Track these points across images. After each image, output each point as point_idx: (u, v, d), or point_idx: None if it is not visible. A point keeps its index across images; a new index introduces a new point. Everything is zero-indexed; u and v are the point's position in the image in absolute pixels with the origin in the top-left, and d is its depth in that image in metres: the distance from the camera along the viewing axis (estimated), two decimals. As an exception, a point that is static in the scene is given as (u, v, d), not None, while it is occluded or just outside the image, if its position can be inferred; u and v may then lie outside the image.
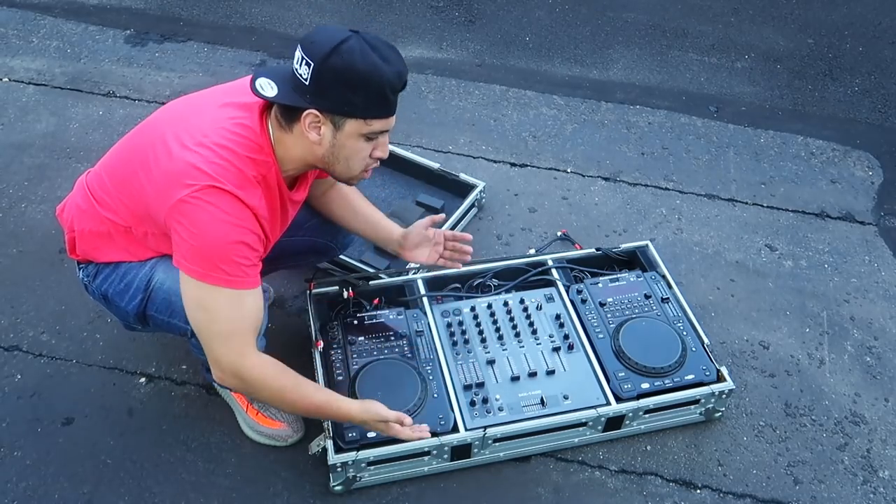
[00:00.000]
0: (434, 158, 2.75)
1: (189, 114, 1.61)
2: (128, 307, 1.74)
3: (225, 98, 1.62)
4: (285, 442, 1.94)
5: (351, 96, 1.49)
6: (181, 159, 1.50)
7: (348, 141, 1.55)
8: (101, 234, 1.71)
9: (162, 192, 1.52)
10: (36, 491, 1.85)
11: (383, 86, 1.49)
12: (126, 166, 1.64)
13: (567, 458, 1.97)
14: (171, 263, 1.64)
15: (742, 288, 2.45)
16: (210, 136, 1.52)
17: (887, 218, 2.75)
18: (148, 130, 1.64)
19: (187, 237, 1.50)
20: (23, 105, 3.02)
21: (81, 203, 1.74)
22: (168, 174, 1.51)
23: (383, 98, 1.51)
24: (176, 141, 1.53)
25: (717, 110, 3.23)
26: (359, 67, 1.46)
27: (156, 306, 1.72)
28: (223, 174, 1.49)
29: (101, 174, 1.72)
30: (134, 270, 1.72)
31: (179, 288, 1.60)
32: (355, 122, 1.53)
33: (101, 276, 1.76)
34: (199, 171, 1.48)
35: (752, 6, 3.90)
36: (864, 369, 2.24)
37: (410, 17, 3.71)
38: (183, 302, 1.58)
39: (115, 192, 1.66)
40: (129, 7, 3.65)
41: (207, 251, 1.50)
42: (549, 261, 2.27)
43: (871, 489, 1.95)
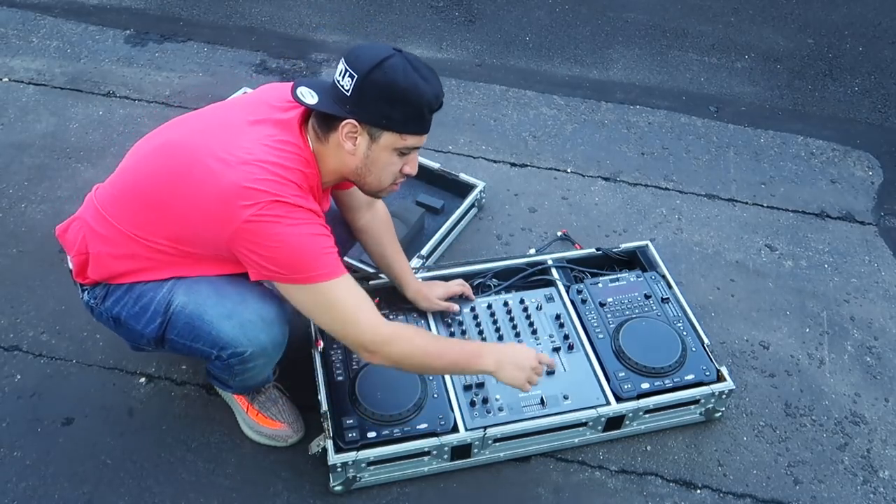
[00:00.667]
0: (434, 158, 2.75)
1: (220, 132, 1.58)
2: (145, 330, 1.69)
3: (252, 115, 1.61)
4: (285, 442, 1.94)
5: (390, 110, 1.53)
6: (230, 180, 1.48)
7: (382, 154, 1.59)
8: (122, 256, 1.66)
9: (215, 216, 1.50)
10: (36, 491, 1.85)
11: (421, 104, 1.55)
12: (158, 190, 1.59)
13: (567, 458, 1.97)
14: (189, 285, 1.65)
15: (742, 288, 2.45)
16: (255, 153, 1.52)
17: (887, 218, 2.75)
18: (176, 151, 1.60)
19: (271, 252, 1.50)
20: (23, 105, 3.02)
21: (96, 225, 1.69)
22: (219, 197, 1.49)
23: (420, 115, 1.57)
24: (218, 162, 1.51)
25: (717, 110, 3.23)
26: (400, 84, 1.51)
27: (177, 330, 1.67)
28: (280, 189, 1.50)
29: (118, 196, 1.67)
30: (150, 292, 1.67)
31: (203, 312, 1.62)
32: (391, 136, 1.57)
33: (112, 299, 1.71)
34: (257, 191, 1.47)
35: (752, 6, 3.90)
36: (864, 369, 2.24)
37: (410, 17, 3.71)
38: (302, 311, 1.61)
39: (145, 215, 1.62)
40: (129, 7, 3.65)
41: (300, 255, 1.52)
42: (549, 261, 2.27)
43: (871, 489, 1.95)
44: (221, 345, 1.65)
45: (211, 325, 1.64)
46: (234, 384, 1.84)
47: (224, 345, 1.65)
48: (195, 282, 1.66)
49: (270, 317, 1.67)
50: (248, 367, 1.72)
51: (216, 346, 1.66)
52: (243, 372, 1.74)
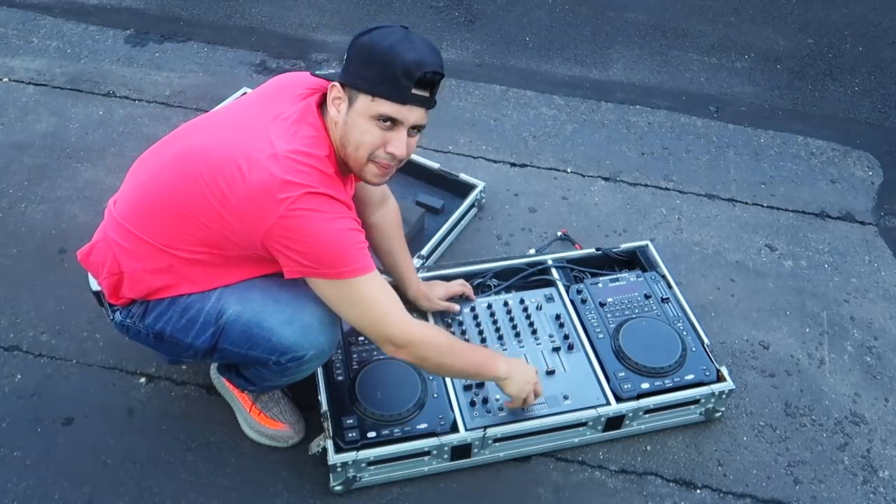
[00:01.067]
0: (434, 158, 2.75)
1: (239, 130, 1.57)
2: (195, 342, 1.66)
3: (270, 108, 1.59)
4: (286, 443, 1.94)
5: (364, 69, 1.50)
6: (262, 176, 1.47)
7: (358, 119, 1.53)
8: (158, 270, 1.62)
9: (250, 214, 1.49)
10: (36, 491, 1.85)
11: (396, 66, 1.47)
12: (184, 197, 1.56)
13: (567, 458, 1.97)
14: (240, 293, 1.64)
15: (742, 288, 2.45)
16: (280, 145, 1.50)
17: (887, 218, 2.75)
18: (198, 156, 1.56)
19: (302, 248, 1.49)
20: (23, 105, 3.02)
21: (125, 243, 1.63)
22: (252, 195, 1.47)
23: (394, 79, 1.48)
24: (246, 160, 1.49)
25: (717, 110, 3.23)
26: (380, 45, 1.48)
27: (231, 339, 1.65)
28: (309, 178, 1.48)
29: (142, 209, 1.62)
30: (198, 304, 1.64)
31: (261, 319, 1.62)
32: (364, 99, 1.51)
33: (154, 315, 1.67)
34: (289, 183, 1.46)
35: (752, 6, 3.90)
36: (864, 369, 2.24)
37: (410, 17, 3.71)
38: (331, 306, 1.60)
39: (174, 225, 1.59)
40: (129, 7, 3.65)
41: (332, 251, 1.51)
42: (548, 261, 2.27)
43: (871, 489, 1.95)
44: (282, 350, 1.65)
45: (271, 332, 1.63)
46: (271, 385, 1.84)
47: (285, 349, 1.65)
48: (246, 289, 1.65)
49: (328, 318, 1.67)
50: (303, 368, 1.72)
51: (276, 351, 1.65)
52: (296, 373, 1.74)
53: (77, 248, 1.77)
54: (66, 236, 2.45)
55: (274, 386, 1.88)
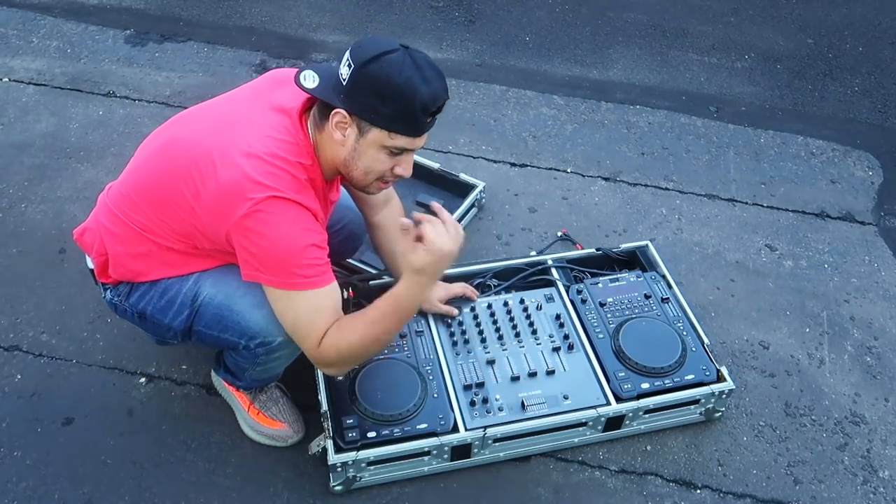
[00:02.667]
0: (434, 158, 2.75)
1: (224, 125, 1.58)
2: (172, 323, 1.71)
3: (256, 106, 1.61)
4: (286, 442, 1.94)
5: (380, 105, 1.49)
6: (232, 175, 1.48)
7: (369, 149, 1.55)
8: (139, 255, 1.68)
9: (218, 210, 1.51)
10: (36, 491, 1.85)
11: (414, 103, 1.48)
12: (164, 186, 1.60)
13: (567, 458, 1.97)
14: (216, 277, 1.67)
15: (742, 288, 2.45)
16: (255, 145, 1.51)
17: (887, 218, 2.75)
18: (182, 147, 1.60)
19: (257, 251, 1.51)
20: (23, 105, 3.02)
21: (112, 226, 1.70)
22: (221, 192, 1.49)
23: (411, 115, 1.50)
24: (220, 155, 1.51)
25: (717, 110, 3.23)
26: (394, 80, 1.47)
27: (205, 321, 1.69)
28: (279, 182, 1.49)
29: (129, 195, 1.67)
30: (176, 286, 1.69)
31: (232, 303, 1.64)
32: (379, 132, 1.52)
33: (137, 294, 1.73)
34: (256, 184, 1.47)
35: (752, 6, 3.90)
36: (864, 369, 2.24)
37: (410, 17, 3.71)
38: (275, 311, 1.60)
39: (153, 212, 1.63)
40: (129, 7, 3.65)
41: (281, 261, 1.51)
42: (548, 261, 2.27)
43: (871, 489, 1.95)
44: (251, 334, 1.66)
45: (240, 316, 1.65)
46: (250, 376, 1.84)
47: (253, 334, 1.66)
48: (222, 273, 1.68)
49: None
50: (272, 357, 1.73)
51: (245, 335, 1.67)
52: (266, 362, 1.75)
53: (77, 248, 1.80)
54: (66, 236, 2.45)
55: (254, 379, 1.88)
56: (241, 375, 1.86)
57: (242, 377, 1.86)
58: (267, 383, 1.94)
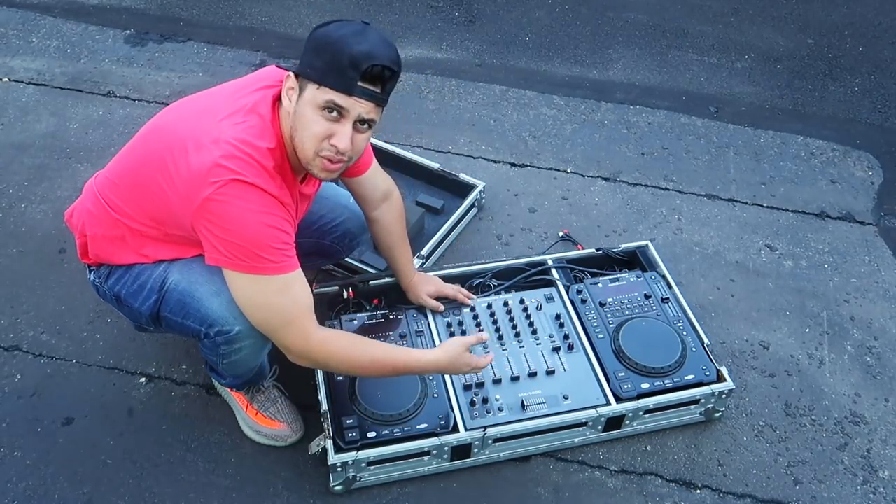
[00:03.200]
0: (434, 158, 2.75)
1: (202, 114, 1.60)
2: (141, 308, 1.73)
3: (235, 94, 1.62)
4: (285, 442, 1.94)
5: (314, 59, 1.50)
6: (201, 160, 1.50)
7: (306, 108, 1.52)
8: (114, 238, 1.71)
9: (186, 195, 1.52)
10: (36, 491, 1.85)
11: (343, 56, 1.47)
12: (141, 171, 1.62)
13: (567, 458, 1.97)
14: (184, 263, 1.68)
15: (742, 288, 2.45)
16: (226, 131, 1.52)
17: (887, 218, 2.75)
18: (161, 134, 1.63)
19: (221, 234, 1.50)
20: (23, 105, 3.02)
21: (92, 208, 1.74)
22: (190, 176, 1.51)
23: (341, 68, 1.47)
24: (193, 143, 1.53)
25: (717, 110, 3.23)
26: (332, 35, 1.50)
27: (170, 307, 1.70)
28: (243, 167, 1.49)
29: (111, 179, 1.71)
30: (148, 271, 1.71)
31: (194, 289, 1.65)
32: (312, 88, 1.50)
33: (114, 277, 1.76)
34: (221, 168, 1.48)
35: (752, 6, 3.90)
36: (864, 369, 2.24)
37: (410, 17, 3.71)
38: (238, 304, 1.59)
39: (130, 196, 1.66)
40: (129, 7, 3.65)
41: (245, 243, 1.51)
42: (548, 261, 2.27)
43: (871, 489, 1.95)
44: (209, 322, 1.66)
45: (200, 302, 1.66)
46: (224, 370, 1.84)
47: (212, 322, 1.66)
48: (190, 260, 1.69)
49: None
50: (234, 348, 1.71)
51: (205, 323, 1.67)
52: (230, 354, 1.73)
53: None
54: (66, 236, 2.45)
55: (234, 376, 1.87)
56: (217, 370, 1.87)
57: (219, 372, 1.87)
58: (252, 381, 1.92)
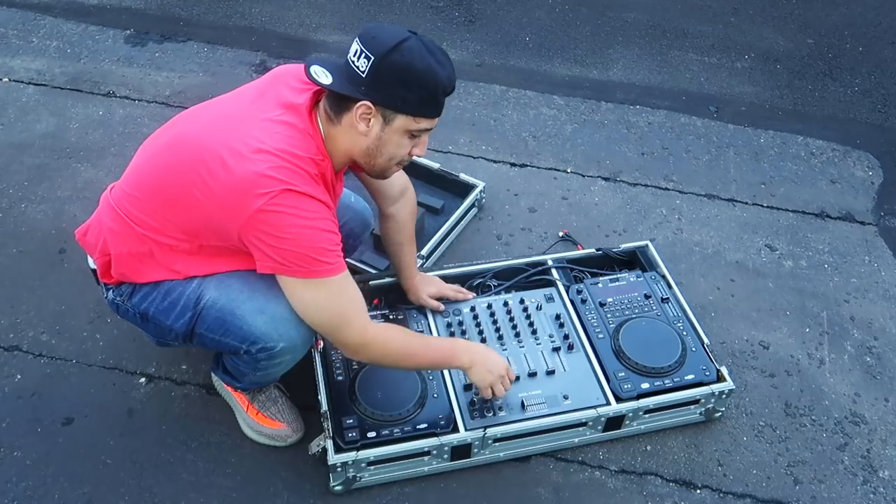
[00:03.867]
0: (434, 158, 2.75)
1: (229, 123, 1.59)
2: (174, 325, 1.70)
3: (262, 102, 1.61)
4: (285, 442, 1.94)
5: (405, 93, 1.53)
6: (245, 170, 1.49)
7: (394, 136, 1.59)
8: (141, 255, 1.68)
9: (230, 205, 1.51)
10: (36, 491, 1.85)
11: (437, 87, 1.55)
12: (169, 184, 1.60)
13: (567, 458, 1.97)
14: (220, 280, 1.67)
15: (742, 288, 2.45)
16: (266, 141, 1.52)
17: (887, 218, 2.75)
18: (186, 145, 1.60)
19: (276, 243, 1.51)
20: (23, 105, 3.02)
21: (114, 225, 1.69)
22: (234, 187, 1.50)
23: (434, 99, 1.58)
24: (230, 153, 1.52)
25: (717, 110, 3.23)
26: (417, 67, 1.52)
27: (207, 325, 1.68)
28: (292, 177, 1.50)
29: (133, 193, 1.67)
30: (179, 288, 1.68)
31: (234, 307, 1.64)
32: (405, 119, 1.57)
33: (140, 295, 1.72)
34: (270, 179, 1.48)
35: (752, 6, 3.90)
36: (864, 369, 2.24)
37: (410, 17, 3.71)
38: (295, 307, 1.61)
39: (157, 210, 1.63)
40: (129, 7, 3.65)
41: (302, 249, 1.52)
42: (548, 261, 2.27)
43: (871, 489, 1.95)
44: (252, 339, 1.66)
45: (243, 321, 1.65)
46: (251, 380, 1.85)
47: (255, 339, 1.66)
48: (226, 276, 1.67)
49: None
50: (274, 362, 1.72)
51: (246, 340, 1.66)
52: (268, 367, 1.75)
53: (77, 248, 1.80)
54: (66, 236, 2.45)
55: (254, 382, 1.88)
56: (240, 378, 1.86)
57: (242, 380, 1.87)
58: (266, 385, 1.94)
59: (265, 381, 1.88)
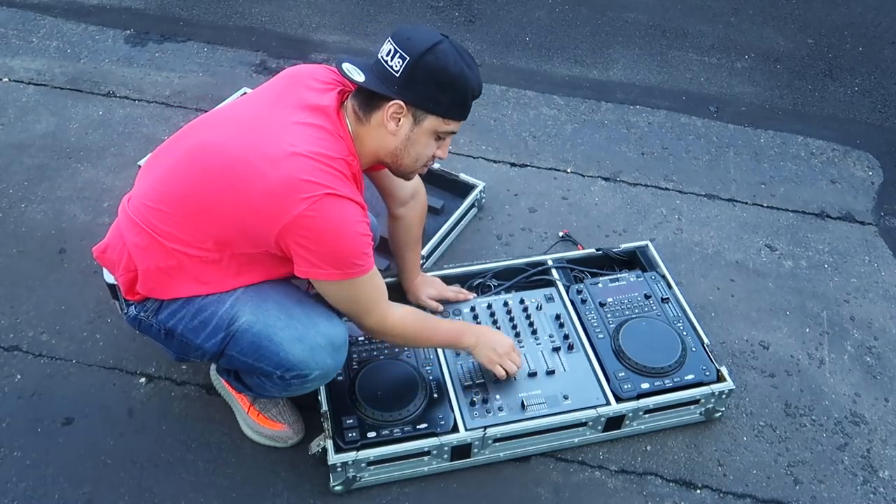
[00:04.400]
0: (434, 158, 2.75)
1: (256, 128, 1.56)
2: (205, 345, 1.66)
3: (288, 104, 1.60)
4: (286, 443, 1.94)
5: (438, 94, 1.56)
6: (283, 175, 1.48)
7: (423, 136, 1.62)
8: (170, 269, 1.62)
9: (268, 211, 1.49)
10: (36, 491, 1.85)
11: (467, 90, 1.59)
12: (197, 194, 1.56)
13: (567, 458, 1.97)
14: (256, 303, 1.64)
15: (742, 288, 2.45)
16: (298, 145, 1.51)
17: (887, 218, 2.75)
18: (211, 154, 1.57)
19: (317, 247, 1.52)
20: (23, 105, 3.02)
21: (139, 241, 1.63)
22: (272, 192, 1.48)
23: (464, 101, 1.61)
24: (263, 158, 1.50)
25: (717, 110, 3.23)
26: (450, 69, 1.55)
27: (240, 348, 1.65)
28: (332, 181, 1.51)
29: (157, 207, 1.61)
30: (212, 307, 1.63)
31: (272, 333, 1.63)
32: (435, 120, 1.60)
33: (168, 312, 1.67)
34: (310, 183, 1.48)
35: (752, 6, 3.90)
36: (864, 369, 2.24)
37: (410, 17, 3.70)
38: (327, 299, 1.67)
39: (185, 222, 1.59)
40: (129, 7, 3.65)
41: (343, 255, 1.55)
42: (548, 261, 2.27)
43: (871, 489, 1.95)
44: (288, 366, 1.65)
45: (280, 347, 1.63)
46: (276, 395, 1.86)
47: (291, 367, 1.65)
48: (262, 300, 1.65)
49: (339, 341, 1.70)
50: (306, 386, 1.73)
51: (281, 367, 1.65)
52: (298, 390, 1.75)
53: (77, 248, 1.79)
54: (66, 236, 2.45)
55: (272, 396, 1.89)
56: (258, 391, 1.82)
57: (259, 392, 1.83)
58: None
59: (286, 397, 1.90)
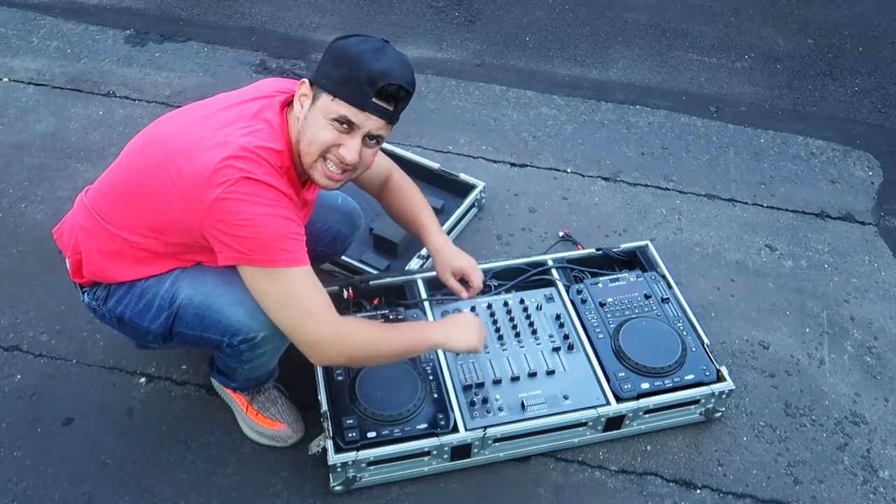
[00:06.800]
0: (434, 158, 2.75)
1: (202, 122, 1.59)
2: (151, 326, 1.69)
3: (235, 104, 1.62)
4: (285, 443, 1.94)
5: (332, 70, 1.54)
6: (206, 161, 1.49)
7: (317, 116, 1.55)
8: (111, 253, 1.67)
9: (192, 198, 1.50)
10: (36, 491, 1.85)
11: (361, 72, 1.50)
12: (140, 181, 1.60)
13: (567, 458, 1.97)
14: (194, 277, 1.65)
15: (742, 288, 2.45)
16: (232, 134, 1.52)
17: (887, 218, 2.75)
18: (159, 144, 1.60)
19: (235, 231, 1.49)
20: (23, 105, 3.02)
21: (85, 223, 1.70)
22: (195, 179, 1.49)
23: (357, 83, 1.51)
24: (196, 148, 1.52)
25: (717, 110, 3.23)
26: (351, 49, 1.53)
27: (185, 323, 1.67)
28: (251, 166, 1.49)
29: (105, 192, 1.68)
30: (153, 288, 1.67)
31: (211, 301, 1.63)
32: (326, 98, 1.54)
33: (115, 299, 1.71)
34: (228, 167, 1.47)
35: (752, 6, 3.90)
36: (864, 369, 2.24)
37: (410, 17, 3.71)
38: (259, 302, 1.57)
39: (128, 208, 1.63)
40: (129, 7, 3.65)
41: (261, 235, 1.49)
42: (549, 261, 2.27)
43: (871, 489, 1.95)
44: (233, 331, 1.65)
45: (221, 313, 1.64)
46: (241, 375, 1.85)
47: (235, 331, 1.65)
48: (199, 273, 1.67)
49: None
50: (258, 353, 1.72)
51: (227, 332, 1.66)
52: (252, 359, 1.74)
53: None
54: (66, 236, 2.45)
55: (247, 379, 1.88)
56: (232, 376, 1.86)
57: (234, 377, 1.87)
58: (261, 382, 1.93)
59: (255, 375, 1.86)
